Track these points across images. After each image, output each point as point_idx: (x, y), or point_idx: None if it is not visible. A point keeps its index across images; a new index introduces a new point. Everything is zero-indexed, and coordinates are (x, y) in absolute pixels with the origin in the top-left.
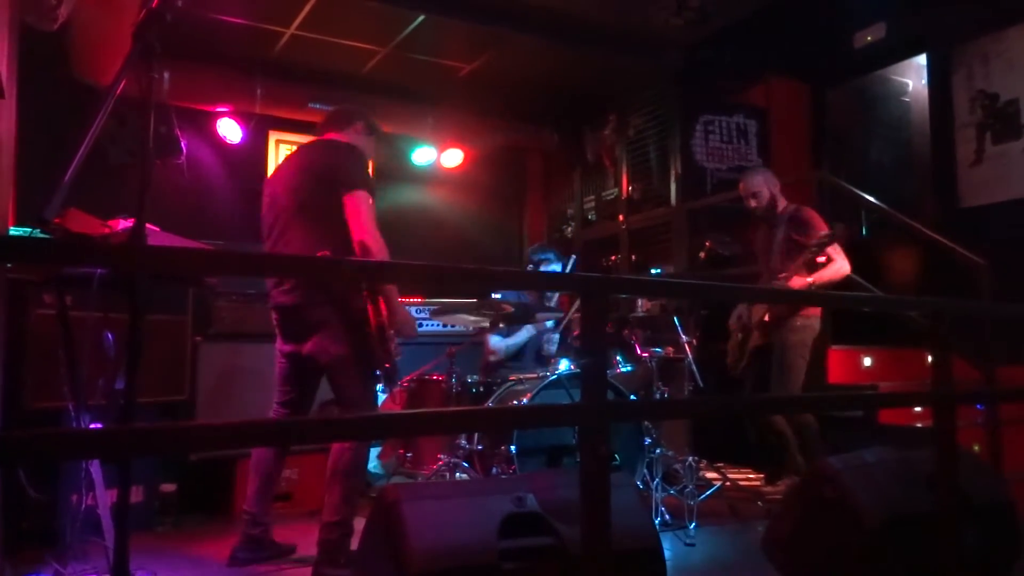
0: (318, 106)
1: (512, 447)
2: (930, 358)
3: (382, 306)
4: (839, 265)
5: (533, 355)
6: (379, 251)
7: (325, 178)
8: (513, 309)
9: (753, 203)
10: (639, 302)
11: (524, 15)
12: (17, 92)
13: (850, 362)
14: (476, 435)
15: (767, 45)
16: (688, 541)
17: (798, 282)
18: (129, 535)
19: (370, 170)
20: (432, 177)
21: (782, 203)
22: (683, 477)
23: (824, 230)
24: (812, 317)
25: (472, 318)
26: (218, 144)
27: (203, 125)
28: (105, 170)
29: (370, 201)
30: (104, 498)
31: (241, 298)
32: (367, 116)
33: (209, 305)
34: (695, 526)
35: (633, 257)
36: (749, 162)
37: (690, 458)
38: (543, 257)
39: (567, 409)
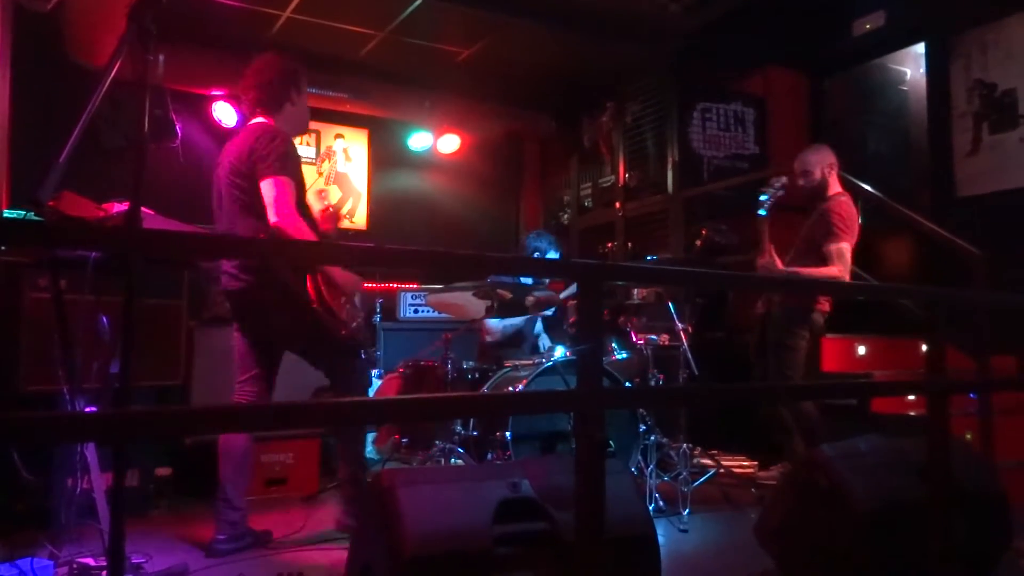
0: (314, 90)
1: (507, 433)
2: (924, 347)
3: (320, 280)
4: (830, 270)
5: (529, 344)
6: (298, 236)
7: (247, 168)
8: (510, 295)
9: (802, 182)
10: (635, 289)
11: (523, 0)
12: (10, 73)
13: (844, 350)
14: (471, 421)
15: (765, 33)
16: (682, 527)
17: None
18: (124, 518)
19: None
20: (428, 163)
21: (833, 188)
22: (677, 464)
23: (841, 227)
24: (796, 309)
25: (470, 307)
26: (213, 128)
27: (198, 108)
28: (99, 153)
29: (288, 186)
30: (99, 481)
31: None
32: (293, 92)
33: (204, 289)
34: (689, 512)
35: (629, 244)
36: (746, 150)
37: (684, 445)
38: (537, 246)
39: (563, 395)
